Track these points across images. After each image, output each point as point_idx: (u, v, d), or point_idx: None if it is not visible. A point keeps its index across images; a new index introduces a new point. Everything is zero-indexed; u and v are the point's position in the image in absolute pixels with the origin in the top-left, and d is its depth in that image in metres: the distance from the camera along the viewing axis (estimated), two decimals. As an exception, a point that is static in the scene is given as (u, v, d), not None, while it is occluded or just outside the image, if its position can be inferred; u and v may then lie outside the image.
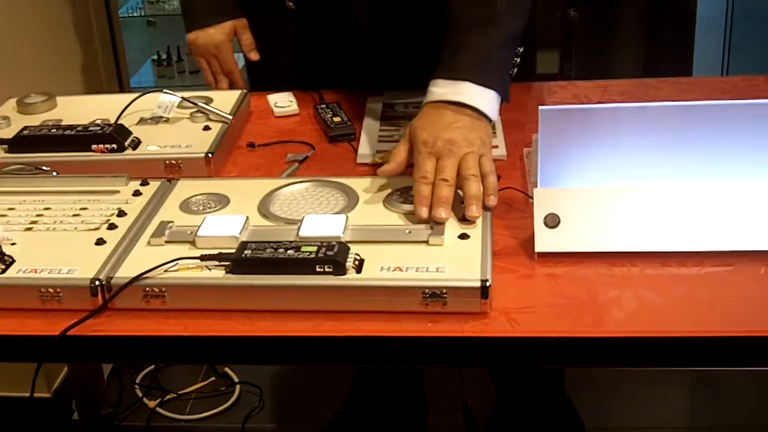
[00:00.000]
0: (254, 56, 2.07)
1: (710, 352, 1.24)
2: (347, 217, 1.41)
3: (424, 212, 1.42)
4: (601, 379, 2.71)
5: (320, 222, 1.40)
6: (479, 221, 1.41)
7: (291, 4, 1.99)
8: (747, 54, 3.55)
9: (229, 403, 2.79)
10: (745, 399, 2.67)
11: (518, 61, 1.69)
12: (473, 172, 1.47)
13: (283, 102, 1.96)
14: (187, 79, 4.65)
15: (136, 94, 1.88)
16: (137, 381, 2.85)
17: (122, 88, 2.94)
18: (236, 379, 2.85)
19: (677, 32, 3.71)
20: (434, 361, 1.31)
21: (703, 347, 1.23)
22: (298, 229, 1.39)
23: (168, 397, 2.81)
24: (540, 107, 1.36)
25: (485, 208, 1.44)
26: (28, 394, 1.76)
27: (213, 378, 2.86)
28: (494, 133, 1.75)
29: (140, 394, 2.82)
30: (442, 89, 1.57)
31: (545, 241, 1.39)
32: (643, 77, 3.72)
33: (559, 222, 1.38)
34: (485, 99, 1.57)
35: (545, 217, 1.39)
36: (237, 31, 2.05)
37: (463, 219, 1.42)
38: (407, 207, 1.46)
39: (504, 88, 1.62)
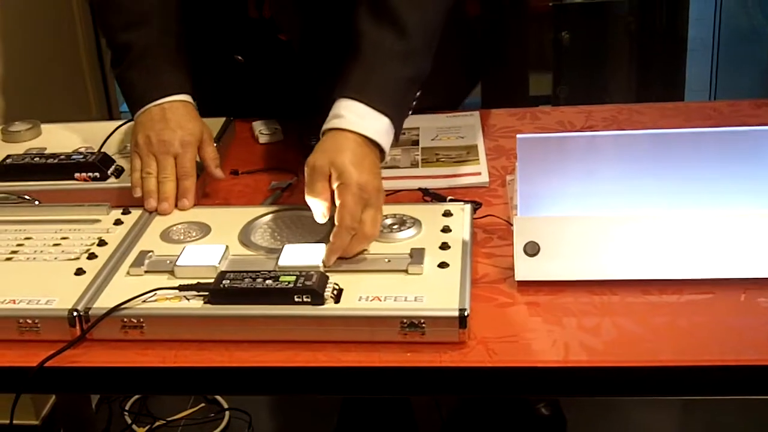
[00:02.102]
0: (219, 173, 1.72)
1: (688, 382, 1.23)
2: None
3: (333, 261, 1.40)
4: (592, 402, 2.70)
5: (300, 251, 1.40)
6: (459, 249, 1.41)
7: (240, 57, 1.97)
8: (736, 75, 3.55)
9: (218, 429, 2.79)
10: (734, 422, 2.66)
11: (414, 105, 1.65)
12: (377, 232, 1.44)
13: (267, 129, 1.96)
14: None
15: (120, 122, 1.88)
16: (126, 408, 2.85)
17: (111, 114, 2.95)
18: (225, 406, 2.84)
19: (669, 54, 3.71)
20: (412, 390, 1.31)
21: (680, 376, 1.23)
22: (278, 258, 1.38)
23: (157, 424, 2.80)
24: (518, 135, 1.36)
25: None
26: (15, 422, 1.75)
27: (203, 404, 2.85)
28: (470, 160, 1.75)
29: (129, 421, 2.81)
30: (356, 118, 1.48)
31: (525, 269, 1.38)
32: (636, 98, 3.73)
33: (539, 250, 1.38)
34: (389, 138, 1.52)
35: (525, 245, 1.38)
36: (202, 140, 1.72)
37: (442, 246, 1.42)
38: (389, 234, 1.46)
39: (400, 127, 1.55)
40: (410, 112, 1.60)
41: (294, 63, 1.91)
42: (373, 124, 1.48)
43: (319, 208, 1.45)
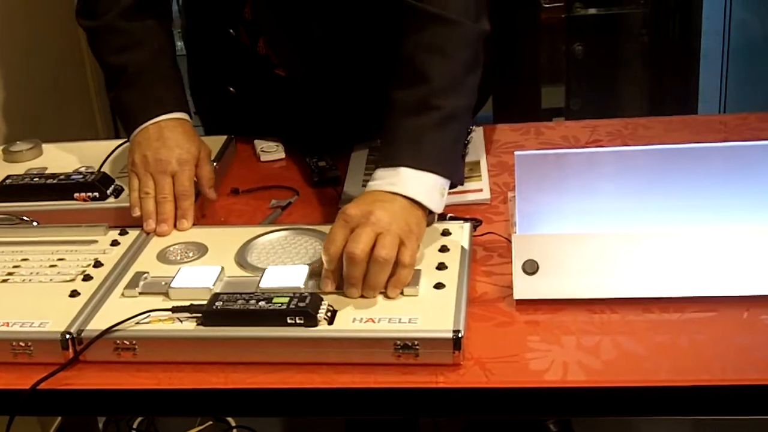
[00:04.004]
0: (212, 195, 1.71)
1: (689, 401, 1.22)
2: (309, 267, 1.40)
3: (328, 286, 1.37)
4: (603, 419, 2.68)
5: (282, 273, 1.39)
6: (456, 269, 1.39)
7: (232, 89, 1.97)
8: (748, 88, 3.52)
9: (226, 447, 2.77)
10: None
11: (471, 139, 1.61)
12: (386, 254, 1.34)
13: (269, 147, 1.95)
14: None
15: (121, 141, 1.87)
16: (134, 426, 2.83)
17: (118, 133, 2.94)
18: (233, 423, 2.83)
19: (682, 66, 3.70)
20: (408, 412, 1.29)
21: (681, 396, 1.21)
22: (259, 280, 1.38)
23: (165, 442, 2.79)
24: (516, 152, 1.35)
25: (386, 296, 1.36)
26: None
27: (210, 422, 2.83)
28: (472, 176, 1.74)
29: (137, 440, 2.80)
30: (377, 181, 1.47)
31: (524, 287, 1.37)
32: (648, 110, 3.71)
33: (537, 268, 1.36)
34: (422, 186, 1.46)
35: (524, 264, 1.37)
36: (199, 159, 1.71)
37: (439, 267, 1.40)
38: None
39: (449, 169, 1.50)
40: (466, 149, 1.60)
41: (290, 93, 1.92)
42: (390, 179, 1.46)
43: None
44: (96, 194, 1.70)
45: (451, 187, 1.52)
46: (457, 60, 1.55)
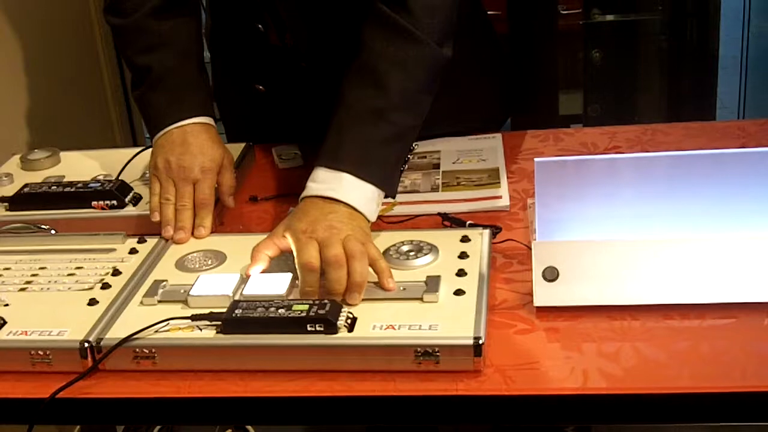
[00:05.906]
0: (230, 203, 1.72)
1: (710, 408, 1.21)
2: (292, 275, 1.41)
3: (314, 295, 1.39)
4: (623, 426, 2.66)
5: (265, 281, 1.40)
6: (476, 276, 1.39)
7: (261, 87, 1.96)
8: (766, 94, 3.51)
9: (246, 455, 2.76)
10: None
11: (410, 158, 1.61)
12: (359, 249, 1.38)
13: (287, 154, 1.95)
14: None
15: (139, 149, 1.87)
16: (153, 435, 2.83)
17: (135, 141, 2.94)
18: (252, 431, 2.82)
19: (700, 72, 3.69)
20: (429, 419, 1.28)
21: (702, 403, 1.20)
22: (242, 288, 1.39)
23: (184, 450, 2.79)
24: (536, 159, 1.34)
25: (385, 289, 1.38)
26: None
27: (229, 430, 2.83)
28: (491, 183, 1.74)
29: (156, 448, 2.80)
30: (318, 184, 1.48)
31: (544, 295, 1.36)
32: (667, 117, 3.69)
33: (558, 275, 1.36)
34: (362, 194, 1.48)
35: (544, 271, 1.36)
36: (222, 166, 1.72)
37: (459, 273, 1.40)
38: (405, 261, 1.44)
39: (388, 183, 1.53)
40: (405, 165, 1.60)
41: (315, 89, 1.90)
42: (331, 184, 1.48)
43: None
44: (114, 202, 1.70)
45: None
46: (417, 80, 1.55)
